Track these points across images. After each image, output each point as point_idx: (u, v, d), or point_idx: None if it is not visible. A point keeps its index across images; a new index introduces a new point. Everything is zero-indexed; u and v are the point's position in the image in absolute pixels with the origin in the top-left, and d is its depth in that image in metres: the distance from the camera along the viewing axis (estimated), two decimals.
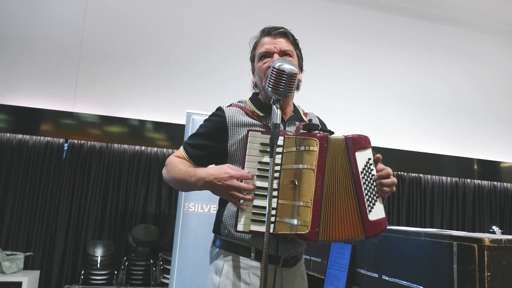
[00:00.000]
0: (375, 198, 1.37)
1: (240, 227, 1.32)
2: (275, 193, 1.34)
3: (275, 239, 1.41)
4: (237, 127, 1.48)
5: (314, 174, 1.30)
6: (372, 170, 1.38)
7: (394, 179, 1.42)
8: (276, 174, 1.35)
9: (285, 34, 1.53)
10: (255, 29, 1.61)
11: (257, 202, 1.34)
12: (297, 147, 1.33)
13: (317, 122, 1.69)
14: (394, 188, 1.42)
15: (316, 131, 1.38)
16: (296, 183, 1.32)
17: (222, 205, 1.52)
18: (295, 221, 1.30)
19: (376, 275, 1.90)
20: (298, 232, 1.29)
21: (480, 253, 1.42)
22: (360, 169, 1.35)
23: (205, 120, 1.57)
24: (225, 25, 6.02)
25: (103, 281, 4.87)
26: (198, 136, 1.53)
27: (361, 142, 1.37)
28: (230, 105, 1.57)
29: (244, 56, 1.70)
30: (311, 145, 1.32)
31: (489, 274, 1.41)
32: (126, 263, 5.11)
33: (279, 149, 1.35)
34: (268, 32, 1.53)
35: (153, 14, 5.89)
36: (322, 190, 1.30)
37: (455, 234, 1.60)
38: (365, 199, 1.34)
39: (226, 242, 1.47)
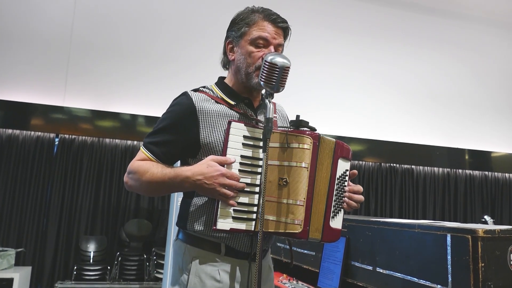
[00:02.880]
0: (340, 208, 1.39)
1: (220, 225, 1.26)
2: (257, 189, 1.30)
3: (249, 236, 1.36)
4: (209, 116, 1.38)
5: (307, 173, 1.28)
6: (345, 181, 1.40)
7: (362, 197, 1.43)
8: (259, 170, 1.32)
9: (286, 29, 1.47)
10: None
11: (239, 199, 1.28)
12: (287, 144, 1.29)
13: (285, 116, 1.65)
14: (359, 205, 1.43)
15: (305, 128, 1.34)
16: (288, 181, 1.28)
17: (187, 196, 1.42)
18: (285, 220, 1.27)
19: (370, 268, 1.90)
20: (289, 231, 1.26)
21: (474, 244, 1.43)
22: (336, 175, 1.35)
23: (167, 111, 1.41)
24: (212, 14, 5.96)
25: (96, 277, 4.85)
26: (161, 131, 1.37)
27: (347, 151, 1.40)
28: (197, 90, 1.47)
29: None
30: (304, 142, 1.28)
31: (483, 265, 1.41)
32: (119, 259, 5.09)
33: (260, 143, 1.31)
34: (274, 20, 1.43)
35: (142, 7, 5.82)
36: (313, 189, 1.29)
37: (449, 225, 1.60)
38: (332, 205, 1.35)
39: (193, 237, 1.38)
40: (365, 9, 6.74)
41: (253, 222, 1.29)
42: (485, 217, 4.63)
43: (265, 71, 1.29)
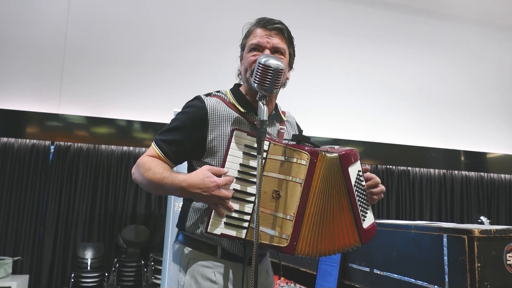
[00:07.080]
0: (366, 207, 1.40)
1: (211, 230, 1.27)
2: (252, 198, 1.30)
3: (244, 243, 1.36)
4: (218, 121, 1.40)
5: (300, 189, 1.28)
6: (362, 181, 1.40)
7: (383, 187, 1.46)
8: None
9: (281, 30, 1.48)
10: (237, 22, 1.56)
11: (233, 205, 1.29)
12: (286, 158, 1.30)
13: (294, 124, 1.66)
14: (382, 195, 1.46)
15: (305, 144, 1.35)
16: (280, 194, 1.29)
17: (187, 199, 1.45)
18: (273, 232, 1.28)
19: (367, 269, 1.90)
20: (275, 244, 1.28)
21: (470, 244, 1.43)
22: (352, 183, 1.35)
23: (181, 112, 1.45)
24: (205, 20, 5.98)
25: (94, 284, 4.83)
26: (173, 130, 1.41)
27: (354, 156, 1.37)
28: (209, 95, 1.48)
29: (225, 49, 1.65)
30: (301, 158, 1.29)
31: (479, 265, 1.41)
32: (117, 265, 5.07)
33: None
34: (264, 25, 1.46)
35: (136, 13, 5.83)
36: (305, 205, 1.29)
37: (445, 226, 1.61)
38: (359, 210, 1.36)
39: (191, 238, 1.42)
40: (360, 12, 6.78)
41: (245, 230, 1.29)
42: (481, 217, 4.66)
43: (258, 73, 1.29)
